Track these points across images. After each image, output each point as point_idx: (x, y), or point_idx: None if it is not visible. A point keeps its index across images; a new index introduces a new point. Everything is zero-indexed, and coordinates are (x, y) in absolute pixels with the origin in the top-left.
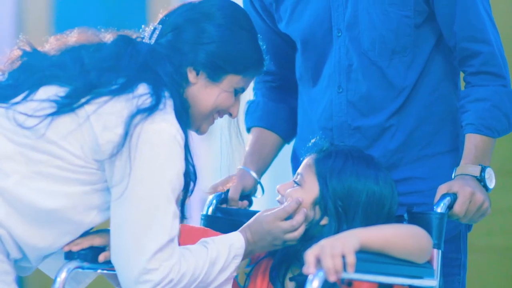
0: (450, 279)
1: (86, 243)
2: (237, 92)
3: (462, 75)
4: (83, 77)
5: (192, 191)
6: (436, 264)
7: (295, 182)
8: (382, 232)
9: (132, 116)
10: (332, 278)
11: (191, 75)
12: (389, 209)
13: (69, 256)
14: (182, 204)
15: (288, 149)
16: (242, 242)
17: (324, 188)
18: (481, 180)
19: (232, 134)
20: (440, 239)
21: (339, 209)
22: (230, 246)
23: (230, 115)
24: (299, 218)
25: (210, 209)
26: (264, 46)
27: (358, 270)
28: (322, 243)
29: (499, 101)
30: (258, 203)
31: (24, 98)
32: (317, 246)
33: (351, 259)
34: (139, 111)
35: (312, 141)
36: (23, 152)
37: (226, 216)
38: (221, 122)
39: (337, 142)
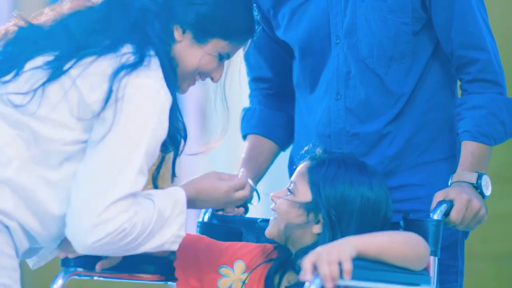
0: (447, 286)
1: None
2: (222, 57)
3: (459, 83)
4: (70, 41)
5: (182, 151)
6: (433, 271)
7: (289, 190)
8: (379, 240)
9: (117, 72)
10: (329, 285)
11: (177, 33)
12: (384, 215)
13: (65, 263)
14: (173, 162)
15: (284, 156)
16: (184, 200)
17: (317, 196)
18: (477, 187)
19: (217, 99)
20: (437, 246)
21: (332, 218)
22: (175, 201)
23: (212, 79)
24: (248, 188)
25: (206, 216)
26: (259, 16)
27: (354, 277)
28: (319, 250)
29: (496, 108)
30: (254, 210)
31: (15, 76)
32: (313, 253)
33: (347, 265)
34: (123, 67)
35: (305, 148)
36: (22, 135)
37: (222, 223)
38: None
39: (335, 149)
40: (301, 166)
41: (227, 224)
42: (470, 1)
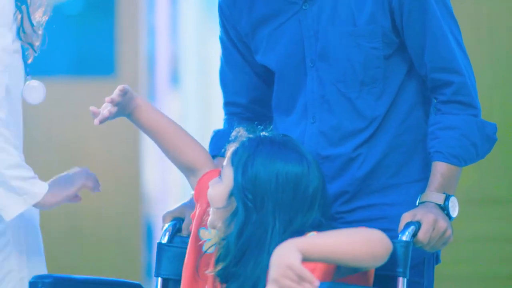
0: None
1: None
2: None
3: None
4: None
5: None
6: None
7: (219, 176)
8: (323, 240)
9: None
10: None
11: None
12: (305, 188)
13: (34, 285)
14: (28, 16)
15: None
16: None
17: (235, 179)
18: (444, 208)
19: None
20: (406, 267)
21: (247, 202)
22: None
23: None
24: None
25: (166, 238)
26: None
27: None
28: (270, 276)
29: (469, 130)
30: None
31: None
32: (270, 280)
33: (300, 270)
34: None
35: (234, 133)
36: None
37: (182, 245)
38: None
39: None
40: (229, 151)
41: (187, 245)
42: (442, 25)
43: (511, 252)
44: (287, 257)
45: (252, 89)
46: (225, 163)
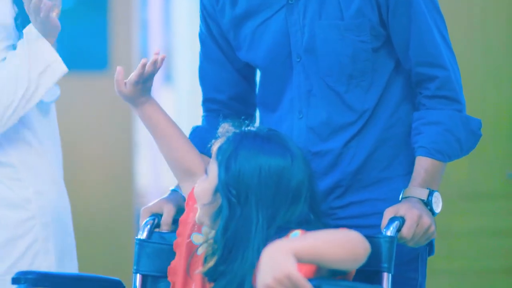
0: None
1: None
2: None
3: None
4: None
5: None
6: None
7: (205, 173)
8: (311, 242)
9: None
10: None
11: None
12: (288, 181)
13: (17, 281)
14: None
15: None
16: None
17: (219, 175)
18: (427, 203)
19: None
20: (390, 263)
21: (230, 196)
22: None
23: None
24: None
25: (145, 234)
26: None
27: None
28: (262, 282)
29: (453, 125)
30: None
31: None
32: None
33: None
34: None
35: (220, 129)
36: None
37: (161, 241)
38: None
39: None
40: (215, 146)
41: (166, 241)
42: (427, 19)
43: (503, 247)
44: (285, 264)
45: (232, 86)
46: (211, 159)
